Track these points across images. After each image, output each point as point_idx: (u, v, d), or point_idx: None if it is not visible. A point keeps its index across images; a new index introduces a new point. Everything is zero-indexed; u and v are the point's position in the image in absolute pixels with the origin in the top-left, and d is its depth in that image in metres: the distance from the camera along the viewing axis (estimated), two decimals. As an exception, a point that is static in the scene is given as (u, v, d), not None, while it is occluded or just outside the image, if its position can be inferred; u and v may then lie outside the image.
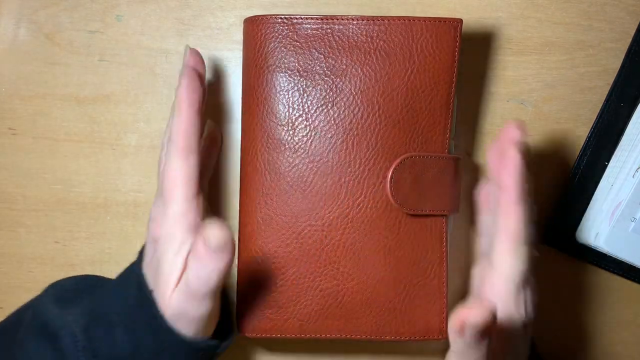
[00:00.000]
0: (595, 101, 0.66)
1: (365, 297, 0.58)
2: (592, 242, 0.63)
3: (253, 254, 0.58)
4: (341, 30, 0.57)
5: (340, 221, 0.57)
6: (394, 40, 0.57)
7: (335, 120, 0.57)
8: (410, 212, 0.57)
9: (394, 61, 0.57)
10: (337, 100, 0.57)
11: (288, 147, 0.57)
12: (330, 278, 0.57)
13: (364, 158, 0.57)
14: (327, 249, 0.57)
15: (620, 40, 0.66)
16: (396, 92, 0.57)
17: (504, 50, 0.66)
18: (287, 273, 0.58)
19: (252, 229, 0.58)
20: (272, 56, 0.57)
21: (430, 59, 0.57)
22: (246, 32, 0.59)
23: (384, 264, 0.58)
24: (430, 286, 0.58)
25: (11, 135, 0.66)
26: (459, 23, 0.56)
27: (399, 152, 0.57)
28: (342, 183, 0.57)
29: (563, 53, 0.66)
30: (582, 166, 0.65)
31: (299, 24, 0.57)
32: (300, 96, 0.57)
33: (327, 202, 0.57)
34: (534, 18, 0.66)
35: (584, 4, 0.66)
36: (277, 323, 0.58)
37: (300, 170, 0.57)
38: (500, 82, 0.66)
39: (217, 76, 0.66)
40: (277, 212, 0.57)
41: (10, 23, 0.66)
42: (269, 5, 0.66)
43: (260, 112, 0.58)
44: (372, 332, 0.58)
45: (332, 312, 0.58)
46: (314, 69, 0.57)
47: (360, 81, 0.57)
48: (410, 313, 0.58)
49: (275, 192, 0.57)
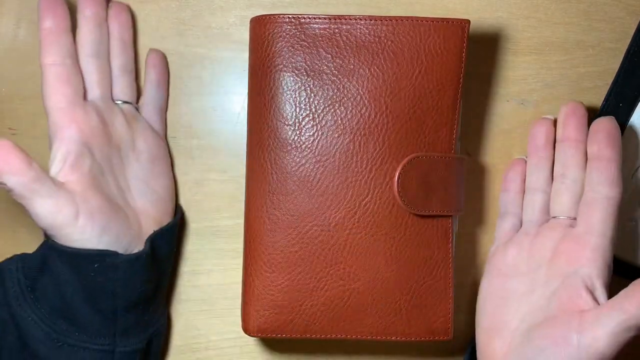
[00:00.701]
0: (595, 101, 0.66)
1: (371, 298, 0.58)
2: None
3: (259, 254, 0.58)
4: (349, 30, 0.57)
5: (346, 221, 0.57)
6: (402, 41, 0.57)
7: (342, 120, 0.57)
8: (416, 212, 0.57)
9: (401, 61, 0.57)
10: (345, 100, 0.57)
11: (295, 146, 0.57)
12: (336, 278, 0.57)
13: (370, 158, 0.57)
14: (333, 249, 0.57)
15: (620, 41, 0.66)
16: (403, 93, 0.57)
17: (504, 50, 0.66)
18: (293, 273, 0.57)
19: (258, 228, 0.58)
20: (279, 56, 0.57)
21: (437, 60, 0.57)
22: (253, 31, 0.58)
23: (390, 264, 0.58)
24: (436, 287, 0.58)
25: (11, 135, 0.65)
26: (466, 24, 0.57)
27: (406, 153, 0.57)
28: (348, 183, 0.57)
29: (563, 53, 0.66)
30: (582, 166, 0.65)
31: (307, 23, 0.57)
32: (308, 96, 0.57)
33: (333, 202, 0.57)
34: (534, 18, 0.66)
35: (584, 4, 0.66)
36: (283, 323, 0.58)
37: (307, 170, 0.57)
38: (500, 82, 0.66)
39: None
40: (283, 212, 0.57)
41: (10, 23, 0.65)
42: (268, 5, 0.66)
43: (267, 111, 0.57)
44: (378, 332, 0.58)
45: (337, 312, 0.58)
46: (322, 69, 0.57)
47: (367, 81, 0.57)
48: (416, 313, 0.58)
49: (282, 191, 0.57)
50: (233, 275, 0.66)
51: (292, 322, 0.58)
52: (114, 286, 0.56)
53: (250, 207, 0.59)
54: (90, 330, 0.56)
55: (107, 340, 0.57)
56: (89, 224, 0.54)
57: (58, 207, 0.53)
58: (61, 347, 0.55)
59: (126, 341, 0.58)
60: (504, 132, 0.66)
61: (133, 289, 0.57)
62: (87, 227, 0.54)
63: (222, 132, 0.66)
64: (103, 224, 0.55)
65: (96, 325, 0.56)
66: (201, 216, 0.66)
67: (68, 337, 0.55)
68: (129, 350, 0.58)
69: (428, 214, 0.58)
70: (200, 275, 0.66)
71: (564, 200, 0.59)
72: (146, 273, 0.58)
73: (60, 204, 0.53)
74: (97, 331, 0.56)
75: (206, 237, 0.66)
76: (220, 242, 0.66)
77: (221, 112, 0.66)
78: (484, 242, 0.67)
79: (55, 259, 0.55)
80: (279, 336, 0.58)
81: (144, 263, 0.58)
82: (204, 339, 0.66)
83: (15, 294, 0.55)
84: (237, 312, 0.66)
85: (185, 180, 0.66)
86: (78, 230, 0.54)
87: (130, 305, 0.58)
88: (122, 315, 0.57)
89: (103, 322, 0.56)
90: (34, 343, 0.55)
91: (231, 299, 0.66)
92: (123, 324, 0.58)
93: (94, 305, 0.56)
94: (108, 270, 0.55)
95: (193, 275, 0.66)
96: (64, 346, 0.55)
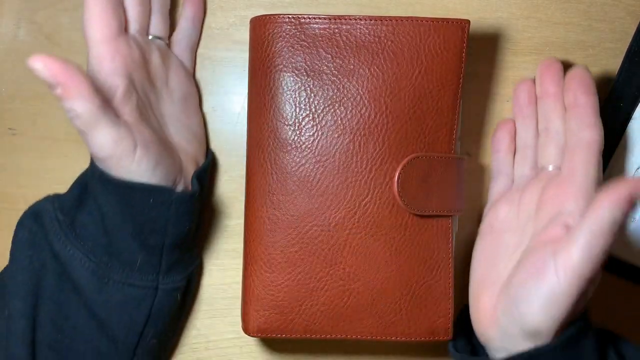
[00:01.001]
0: (595, 101, 0.66)
1: (371, 298, 0.58)
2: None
3: (259, 254, 0.58)
4: (349, 30, 0.57)
5: (346, 221, 0.57)
6: (402, 41, 0.57)
7: (342, 120, 0.57)
8: (416, 212, 0.57)
9: (401, 61, 0.57)
10: (344, 101, 0.57)
11: (294, 146, 0.57)
12: (336, 278, 0.57)
13: (370, 158, 0.57)
14: (333, 249, 0.57)
15: (620, 41, 0.66)
16: (403, 93, 0.57)
17: (504, 50, 0.66)
18: (292, 273, 0.57)
19: (258, 228, 0.58)
20: (279, 56, 0.57)
21: (437, 60, 0.57)
22: (253, 31, 0.58)
23: (390, 264, 0.58)
24: (437, 287, 0.58)
25: (11, 135, 0.66)
26: (466, 24, 0.57)
27: (406, 153, 0.57)
28: (348, 183, 0.57)
29: (563, 53, 0.66)
30: (582, 166, 0.65)
31: (307, 23, 0.57)
32: (307, 96, 0.57)
33: (333, 202, 0.57)
34: (534, 18, 0.66)
35: (584, 4, 0.66)
36: (283, 323, 0.58)
37: (307, 170, 0.57)
38: (500, 82, 0.66)
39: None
40: (283, 212, 0.57)
41: (10, 23, 0.65)
42: (268, 5, 0.66)
43: (267, 111, 0.58)
44: (378, 332, 0.58)
45: (337, 312, 0.58)
46: (322, 69, 0.57)
47: (367, 81, 0.57)
48: (417, 314, 0.58)
49: (282, 191, 0.57)
50: (233, 275, 0.66)
51: (292, 322, 0.58)
52: (166, 223, 0.56)
53: (250, 207, 0.59)
54: (135, 267, 0.57)
55: (151, 277, 0.58)
56: (145, 156, 0.54)
57: (120, 137, 0.52)
58: (107, 284, 0.56)
59: (169, 278, 0.59)
60: (504, 132, 0.66)
61: (182, 227, 0.57)
62: (143, 158, 0.54)
63: (222, 132, 0.66)
64: (157, 157, 0.55)
65: (142, 262, 0.57)
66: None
67: (114, 273, 0.56)
68: (170, 288, 0.59)
69: (428, 214, 0.58)
70: (200, 275, 0.66)
71: (549, 151, 0.59)
72: (194, 211, 0.59)
73: (121, 133, 0.52)
74: (143, 268, 0.57)
75: (206, 237, 0.66)
76: (221, 242, 0.66)
77: (221, 112, 0.66)
78: (484, 242, 0.67)
79: (104, 194, 0.55)
80: (279, 336, 0.58)
81: (194, 201, 0.58)
82: (204, 339, 0.66)
83: (56, 232, 0.56)
84: (236, 312, 0.66)
85: (185, 180, 0.66)
86: (136, 162, 0.53)
87: (177, 243, 0.58)
88: (167, 253, 0.58)
89: (149, 258, 0.57)
90: (78, 279, 0.55)
91: (231, 298, 0.66)
92: (168, 261, 0.58)
93: (142, 241, 0.56)
94: (162, 206, 0.55)
95: (193, 275, 0.66)
96: (109, 282, 0.56)
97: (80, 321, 0.56)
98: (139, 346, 0.59)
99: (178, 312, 0.62)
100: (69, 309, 0.56)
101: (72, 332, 0.56)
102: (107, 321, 0.57)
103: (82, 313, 0.56)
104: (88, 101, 0.50)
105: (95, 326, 0.57)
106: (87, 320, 0.56)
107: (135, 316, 0.57)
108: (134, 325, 0.58)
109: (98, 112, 0.51)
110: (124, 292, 0.57)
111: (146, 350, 0.60)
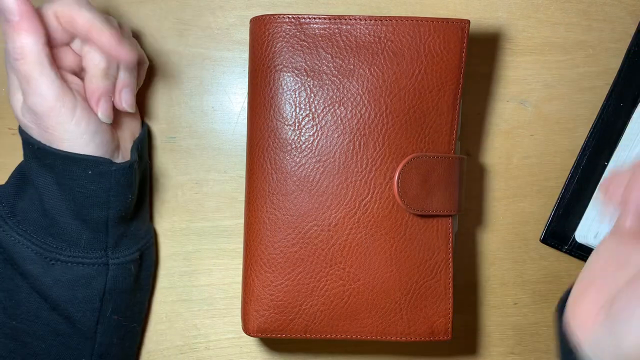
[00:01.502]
0: (595, 101, 0.66)
1: (371, 298, 0.58)
2: (592, 242, 0.64)
3: (259, 254, 0.58)
4: (349, 30, 0.57)
5: (346, 221, 0.57)
6: (402, 41, 0.57)
7: (342, 120, 0.57)
8: (416, 212, 0.57)
9: (401, 61, 0.57)
10: (344, 100, 0.57)
11: (294, 146, 0.57)
12: (336, 278, 0.57)
13: (370, 158, 0.57)
14: (333, 249, 0.57)
15: (620, 40, 0.66)
16: (403, 93, 0.57)
17: (504, 50, 0.66)
18: (292, 273, 0.57)
19: (258, 228, 0.58)
20: (279, 56, 0.57)
21: (437, 60, 0.57)
22: (253, 31, 0.58)
23: (389, 264, 0.58)
24: (436, 287, 0.58)
25: (11, 135, 0.66)
26: (466, 24, 0.56)
27: (405, 153, 0.57)
28: (348, 183, 0.57)
29: (563, 53, 0.66)
30: (581, 166, 0.65)
31: (307, 23, 0.57)
32: (307, 96, 0.57)
33: (333, 202, 0.57)
34: (534, 18, 0.66)
35: (584, 4, 0.66)
36: (283, 323, 0.58)
37: (307, 170, 0.57)
38: (500, 82, 0.66)
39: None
40: (283, 212, 0.57)
41: (10, 22, 0.65)
42: (268, 5, 0.66)
43: (267, 111, 0.57)
44: (377, 332, 0.58)
45: (337, 312, 0.58)
46: (322, 69, 0.57)
47: (367, 81, 0.57)
48: (416, 314, 0.58)
49: (282, 191, 0.57)
50: (233, 275, 0.66)
51: (292, 322, 0.58)
52: (107, 195, 0.56)
53: (250, 207, 0.59)
54: (81, 245, 0.57)
55: (100, 254, 0.58)
56: (85, 119, 0.54)
57: (62, 90, 0.53)
58: (53, 265, 0.56)
59: (118, 253, 0.59)
60: (504, 132, 0.66)
61: (124, 198, 0.58)
62: (83, 120, 0.54)
63: (222, 132, 0.66)
64: (96, 125, 0.55)
65: (87, 239, 0.57)
66: (201, 216, 0.66)
67: (59, 254, 0.56)
68: (122, 262, 0.59)
69: (428, 214, 0.58)
70: (200, 275, 0.66)
71: None
72: (134, 182, 0.59)
73: (64, 90, 0.53)
74: (89, 245, 0.57)
75: (206, 237, 0.66)
76: (220, 242, 0.66)
77: (221, 112, 0.66)
78: (484, 242, 0.67)
79: (41, 174, 0.55)
80: (279, 336, 0.58)
81: (134, 171, 0.58)
82: (204, 339, 0.66)
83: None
84: (236, 312, 0.66)
85: (185, 180, 0.66)
86: (75, 122, 0.54)
87: (121, 216, 0.58)
88: (113, 227, 0.58)
89: (95, 235, 0.57)
90: (25, 265, 0.56)
91: (231, 298, 0.66)
92: (114, 235, 0.58)
93: (84, 218, 0.56)
94: (102, 178, 0.56)
95: (193, 275, 0.66)
96: (57, 263, 0.56)
97: (33, 305, 0.57)
98: (99, 323, 0.59)
99: (135, 286, 0.62)
100: (19, 295, 0.57)
101: (26, 317, 0.57)
102: (61, 302, 0.57)
103: (34, 297, 0.56)
104: (39, 38, 0.51)
105: (49, 308, 0.57)
106: (40, 303, 0.57)
107: (88, 294, 0.58)
108: (89, 303, 0.58)
109: (44, 56, 0.52)
110: (73, 271, 0.57)
111: (109, 327, 0.60)
